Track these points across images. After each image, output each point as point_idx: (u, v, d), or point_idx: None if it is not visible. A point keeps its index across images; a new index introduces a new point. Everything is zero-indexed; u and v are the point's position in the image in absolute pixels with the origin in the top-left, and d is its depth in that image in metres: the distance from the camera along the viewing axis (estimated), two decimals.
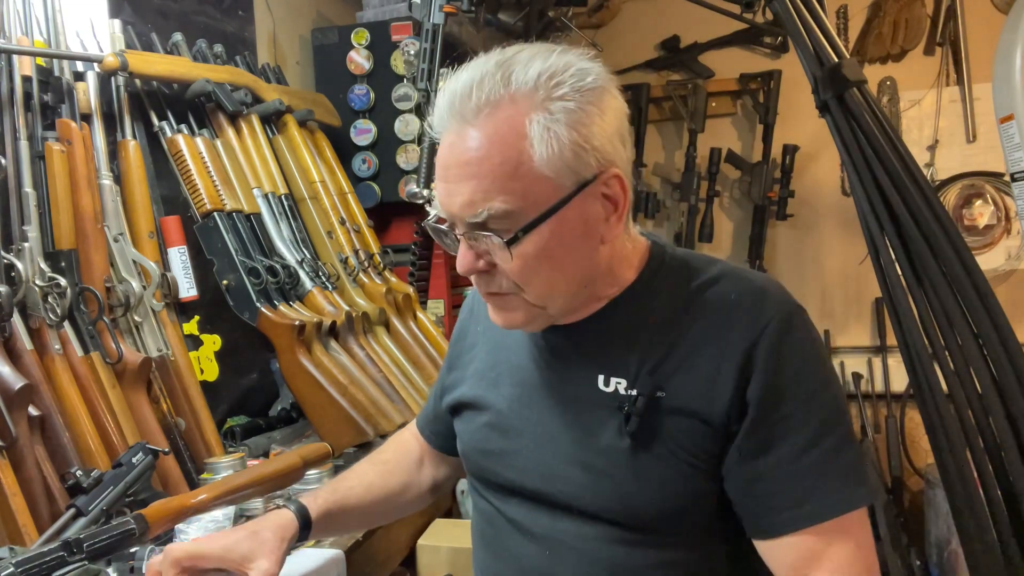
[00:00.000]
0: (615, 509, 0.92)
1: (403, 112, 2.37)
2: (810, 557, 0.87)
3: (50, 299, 1.45)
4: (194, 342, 1.79)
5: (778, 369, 0.88)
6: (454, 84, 0.86)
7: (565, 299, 0.93)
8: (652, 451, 0.90)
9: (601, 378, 0.94)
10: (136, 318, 1.63)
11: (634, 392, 0.91)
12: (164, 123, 1.81)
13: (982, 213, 3.08)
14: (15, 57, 1.50)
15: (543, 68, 0.84)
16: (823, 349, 0.96)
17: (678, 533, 0.92)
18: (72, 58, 1.63)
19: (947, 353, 1.48)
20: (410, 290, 2.25)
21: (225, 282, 1.83)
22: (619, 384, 0.93)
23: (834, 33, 1.62)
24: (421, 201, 2.14)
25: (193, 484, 1.59)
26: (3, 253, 1.42)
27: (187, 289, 1.76)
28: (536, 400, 1.00)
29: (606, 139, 0.86)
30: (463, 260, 0.90)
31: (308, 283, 1.96)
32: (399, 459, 1.23)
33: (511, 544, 1.01)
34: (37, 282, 1.44)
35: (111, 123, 1.71)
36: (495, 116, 0.83)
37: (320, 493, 1.11)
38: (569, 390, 0.97)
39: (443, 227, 0.91)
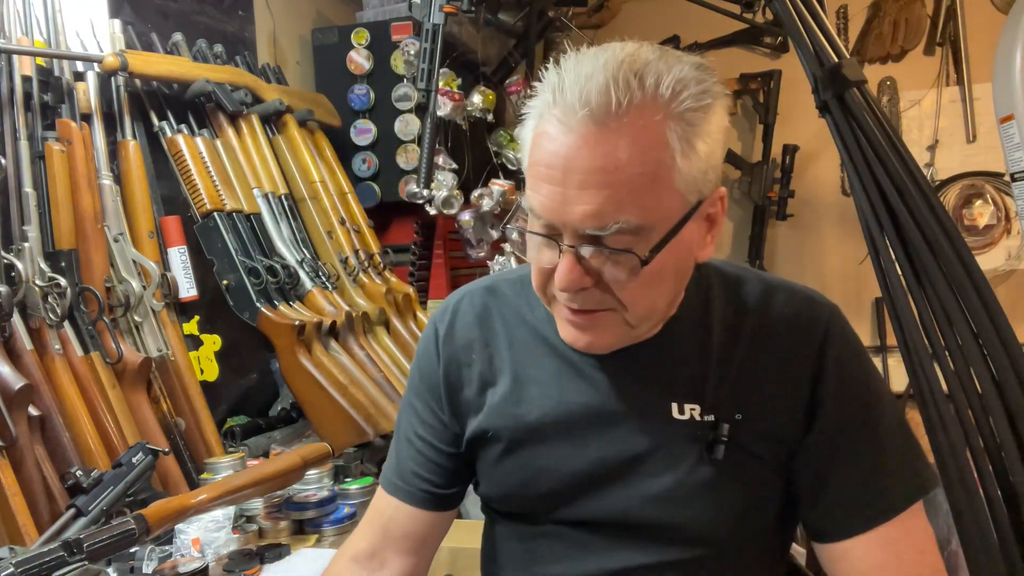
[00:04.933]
0: (696, 538, 0.89)
1: (403, 112, 2.36)
2: (892, 548, 0.86)
3: (50, 299, 1.45)
4: (194, 342, 1.79)
5: (843, 367, 0.87)
6: (582, 81, 0.74)
7: (658, 318, 0.87)
8: (734, 476, 0.87)
9: (675, 406, 0.88)
10: (136, 318, 1.64)
11: (712, 418, 0.87)
12: (164, 123, 1.81)
13: (982, 213, 3.08)
14: (15, 57, 1.50)
15: (673, 76, 0.75)
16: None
17: (751, 552, 0.92)
18: (72, 58, 1.63)
19: (947, 353, 1.48)
20: (410, 290, 2.25)
21: (225, 282, 1.83)
22: (693, 411, 0.87)
23: (834, 33, 1.62)
24: (421, 201, 2.14)
25: (193, 484, 1.59)
26: (3, 253, 1.42)
27: (187, 289, 1.76)
28: (592, 432, 0.91)
29: (722, 157, 0.82)
30: (569, 276, 0.78)
31: (308, 283, 1.96)
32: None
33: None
34: (37, 282, 1.45)
35: (111, 123, 1.71)
36: (636, 122, 0.74)
37: None
38: (634, 418, 0.89)
39: (541, 234, 0.80)
